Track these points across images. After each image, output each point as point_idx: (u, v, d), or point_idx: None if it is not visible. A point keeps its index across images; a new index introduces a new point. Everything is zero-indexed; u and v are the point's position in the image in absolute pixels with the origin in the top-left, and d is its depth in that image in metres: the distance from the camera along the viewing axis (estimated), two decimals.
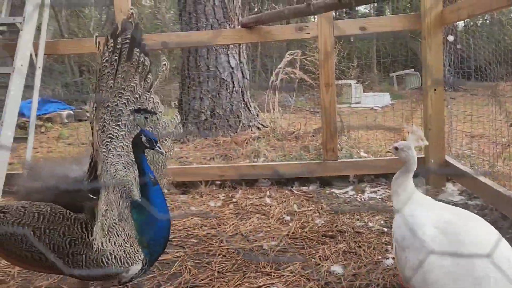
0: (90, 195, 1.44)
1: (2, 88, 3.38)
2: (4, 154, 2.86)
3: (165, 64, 1.91)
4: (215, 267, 2.03)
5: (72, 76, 13.32)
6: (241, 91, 5.04)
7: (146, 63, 1.78)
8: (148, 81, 1.81)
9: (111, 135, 1.63)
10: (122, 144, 1.67)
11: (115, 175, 1.61)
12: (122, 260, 1.45)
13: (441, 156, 3.08)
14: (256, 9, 14.57)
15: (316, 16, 3.47)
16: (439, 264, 1.21)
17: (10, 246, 1.42)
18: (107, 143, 1.61)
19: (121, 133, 1.68)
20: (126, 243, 1.46)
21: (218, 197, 3.16)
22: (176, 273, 2.01)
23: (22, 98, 3.09)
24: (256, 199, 3.09)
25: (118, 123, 1.66)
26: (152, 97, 1.84)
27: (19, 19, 3.17)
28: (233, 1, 5.06)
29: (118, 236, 1.46)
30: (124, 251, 1.45)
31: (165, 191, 3.37)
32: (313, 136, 4.42)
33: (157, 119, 1.85)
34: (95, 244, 1.40)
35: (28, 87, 3.18)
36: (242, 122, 4.91)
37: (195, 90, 4.93)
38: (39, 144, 5.79)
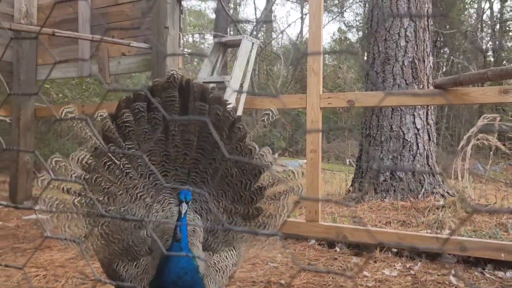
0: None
1: None
2: None
3: (267, 114, 1.90)
4: None
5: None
6: (426, 155, 4.72)
7: (226, 115, 1.84)
8: (235, 131, 1.83)
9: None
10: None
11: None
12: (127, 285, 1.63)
13: None
14: (444, 69, 13.82)
15: None
16: None
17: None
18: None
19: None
20: (137, 275, 1.63)
21: (394, 265, 2.94)
22: None
23: None
24: (438, 275, 2.76)
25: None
26: (251, 147, 1.84)
27: (228, 77, 3.67)
28: (423, 62, 4.89)
29: (135, 267, 1.65)
30: (131, 280, 1.62)
31: (316, 247, 3.31)
32: None
33: (260, 172, 1.82)
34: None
35: None
36: (424, 187, 4.55)
37: (376, 150, 4.83)
38: None
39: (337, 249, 3.36)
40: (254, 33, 16.62)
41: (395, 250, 3.17)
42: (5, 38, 4.74)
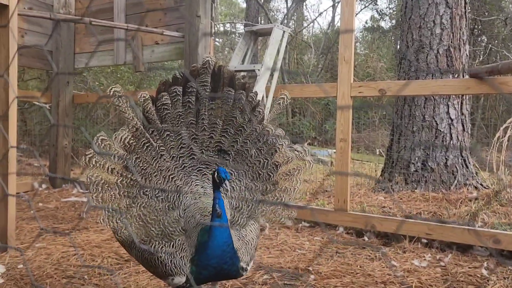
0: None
1: None
2: None
3: (282, 98, 2.08)
4: None
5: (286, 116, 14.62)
6: (460, 145, 4.61)
7: (250, 99, 1.98)
8: (256, 114, 1.98)
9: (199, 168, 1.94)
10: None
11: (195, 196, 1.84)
12: (167, 267, 1.68)
13: None
14: (481, 58, 13.32)
15: None
16: None
17: None
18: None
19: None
20: (176, 254, 1.68)
21: (424, 256, 2.91)
22: None
23: None
24: (469, 268, 2.72)
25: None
26: (268, 129, 2.02)
27: (258, 66, 3.69)
28: (459, 50, 4.75)
29: (172, 247, 1.70)
30: (171, 260, 1.67)
31: (289, 221, 3.31)
32: None
33: (276, 151, 1.99)
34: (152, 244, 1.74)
35: None
36: (457, 179, 4.45)
37: (407, 140, 4.75)
38: None
39: (366, 238, 3.36)
40: (285, 21, 16.49)
41: (425, 241, 3.14)
42: (45, 28, 4.92)
